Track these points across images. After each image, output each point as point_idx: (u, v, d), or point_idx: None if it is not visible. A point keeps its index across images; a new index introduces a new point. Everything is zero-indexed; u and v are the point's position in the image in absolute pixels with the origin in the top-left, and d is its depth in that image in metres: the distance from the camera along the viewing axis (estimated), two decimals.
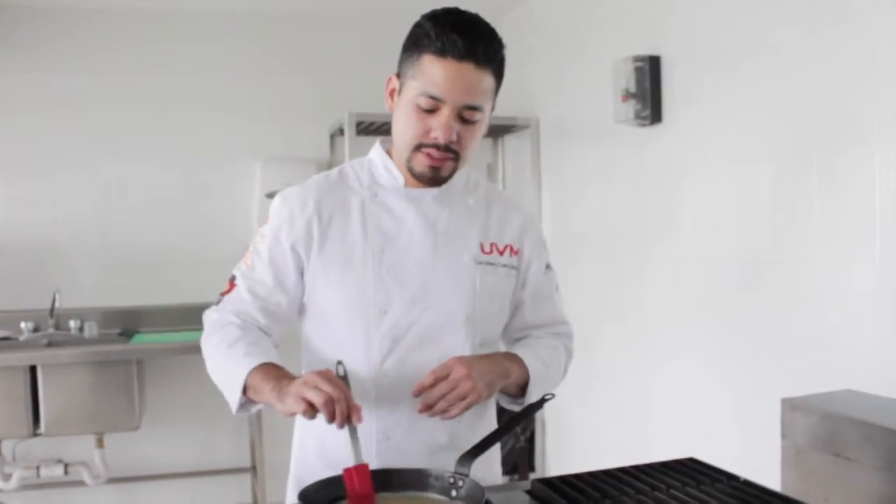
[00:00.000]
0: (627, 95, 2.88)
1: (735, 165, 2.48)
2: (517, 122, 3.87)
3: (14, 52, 3.86)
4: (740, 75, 2.44)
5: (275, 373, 1.44)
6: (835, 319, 2.09)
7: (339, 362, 1.46)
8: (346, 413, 1.32)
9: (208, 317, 1.62)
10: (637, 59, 2.85)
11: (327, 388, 1.32)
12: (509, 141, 4.23)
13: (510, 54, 1.59)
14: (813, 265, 2.17)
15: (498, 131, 4.13)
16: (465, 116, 1.49)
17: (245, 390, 1.46)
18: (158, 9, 3.96)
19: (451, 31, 1.44)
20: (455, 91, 1.45)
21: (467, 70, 1.45)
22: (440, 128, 1.47)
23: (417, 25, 1.50)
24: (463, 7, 1.53)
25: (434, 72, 1.45)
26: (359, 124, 3.69)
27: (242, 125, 4.11)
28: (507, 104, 4.01)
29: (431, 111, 1.48)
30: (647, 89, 2.83)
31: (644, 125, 2.89)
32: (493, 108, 1.58)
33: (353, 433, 1.35)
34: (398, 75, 1.55)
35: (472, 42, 1.44)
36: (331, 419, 1.31)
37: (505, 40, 1.55)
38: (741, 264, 2.48)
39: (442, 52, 1.44)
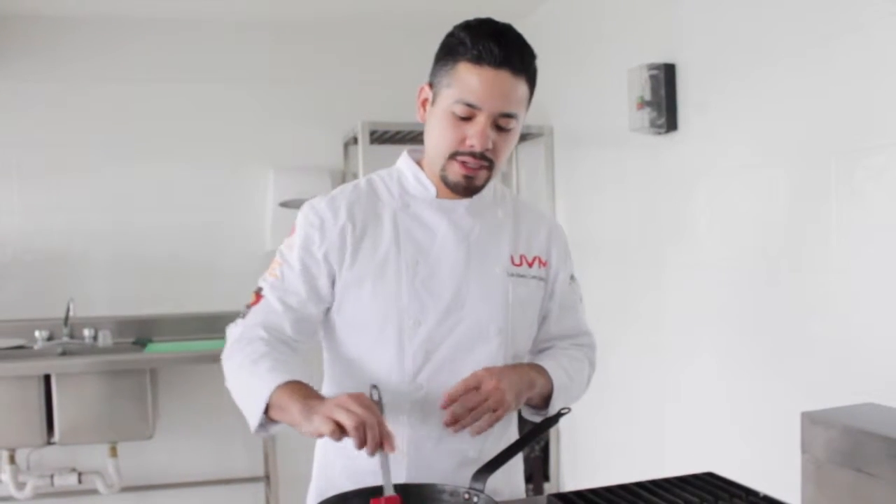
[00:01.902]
0: (642, 103, 2.86)
1: (752, 172, 2.46)
2: (531, 130, 3.85)
3: (28, 62, 3.88)
4: (756, 82, 2.42)
5: (303, 391, 1.39)
6: (855, 329, 2.06)
7: (374, 386, 1.43)
8: (378, 440, 1.28)
9: (232, 331, 1.57)
10: (652, 66, 2.83)
11: (360, 411, 1.28)
12: (523, 149, 4.22)
13: None
14: (832, 273, 2.14)
15: None
16: (500, 124, 1.49)
17: (268, 409, 1.40)
18: (172, 17, 3.98)
19: (487, 38, 1.44)
20: (491, 98, 1.45)
21: (504, 77, 1.45)
22: (476, 135, 1.47)
23: (451, 35, 1.50)
24: (476, 14, 1.53)
25: (470, 79, 1.45)
26: (372, 133, 3.69)
27: (255, 133, 4.11)
28: None
29: (467, 119, 1.47)
30: (663, 97, 2.81)
31: (659, 133, 2.87)
32: (524, 117, 1.58)
33: (385, 462, 1.31)
34: (430, 85, 1.54)
35: (509, 49, 1.45)
36: (361, 445, 1.27)
37: None
38: (759, 272, 2.45)
39: (478, 60, 1.44)
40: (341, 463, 1.59)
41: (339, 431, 1.28)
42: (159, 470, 3.97)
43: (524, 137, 4.00)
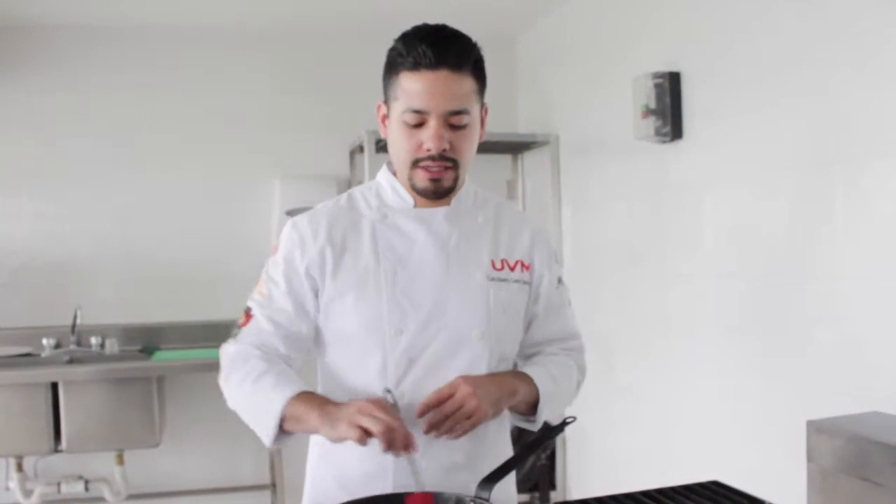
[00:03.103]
0: (647, 112, 2.86)
1: (757, 181, 2.46)
2: (537, 139, 3.86)
3: (36, 72, 3.90)
4: (761, 90, 2.43)
5: (317, 400, 1.45)
6: (861, 337, 2.06)
7: (389, 390, 1.46)
8: (404, 442, 1.34)
9: (226, 351, 1.60)
10: (657, 75, 2.84)
11: (384, 416, 1.34)
12: (529, 158, 4.22)
13: (529, 71, 1.60)
14: (838, 281, 2.14)
15: (518, 148, 4.12)
16: (452, 122, 1.50)
17: (282, 422, 1.44)
18: (179, 27, 4.00)
19: (419, 43, 1.47)
20: (435, 100, 1.48)
21: (443, 77, 1.47)
22: (430, 139, 1.49)
23: (390, 49, 1.54)
24: (481, 25, 1.55)
25: (412, 86, 1.48)
26: (378, 142, 3.70)
27: (262, 142, 4.13)
28: (526, 121, 4.05)
29: (419, 125, 1.50)
30: (668, 105, 2.82)
31: (665, 141, 2.88)
32: (484, 111, 1.59)
33: (413, 462, 1.36)
34: (385, 101, 1.58)
35: (442, 49, 1.47)
36: (388, 448, 1.33)
37: (523, 58, 1.57)
38: (764, 281, 2.45)
39: (415, 66, 1.47)
40: (333, 473, 1.61)
41: (366, 436, 1.33)
42: (166, 478, 3.98)
43: (530, 146, 4.01)
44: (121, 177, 3.97)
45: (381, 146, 3.75)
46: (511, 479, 1.72)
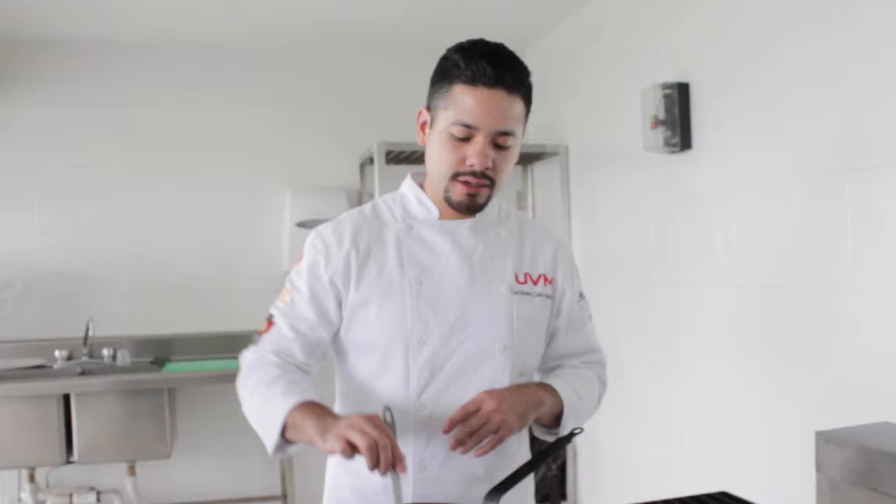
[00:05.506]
0: (657, 123, 2.87)
1: (766, 190, 2.46)
2: (546, 150, 3.87)
3: (47, 86, 3.94)
4: (770, 100, 2.43)
5: (317, 410, 1.42)
6: (870, 347, 2.05)
7: (387, 408, 1.44)
8: (390, 461, 1.30)
9: (245, 357, 1.60)
10: (666, 86, 2.84)
11: (373, 432, 1.31)
12: (539, 168, 4.23)
13: (538, 82, 1.61)
14: (848, 291, 2.14)
15: (527, 159, 4.13)
16: (498, 143, 1.50)
17: (285, 430, 1.42)
18: (189, 40, 4.03)
19: (479, 59, 1.46)
20: (488, 118, 1.47)
21: (499, 96, 1.47)
22: (476, 155, 1.49)
23: (445, 58, 1.53)
24: (491, 36, 1.56)
25: (466, 100, 1.47)
26: (388, 153, 3.72)
27: (273, 154, 4.16)
28: (536, 132, 4.06)
29: (466, 139, 1.49)
30: (677, 116, 2.82)
31: (674, 152, 2.88)
32: (523, 134, 1.59)
33: (397, 483, 1.32)
34: (428, 108, 1.57)
35: (501, 69, 1.47)
36: (374, 465, 1.30)
37: (532, 68, 1.57)
38: (774, 291, 2.45)
39: (473, 81, 1.46)
40: (351, 483, 1.60)
41: (352, 451, 1.31)
42: (177, 489, 3.99)
43: (539, 157, 4.02)
44: (132, 189, 4.00)
45: (391, 158, 3.77)
46: (528, 488, 1.72)
